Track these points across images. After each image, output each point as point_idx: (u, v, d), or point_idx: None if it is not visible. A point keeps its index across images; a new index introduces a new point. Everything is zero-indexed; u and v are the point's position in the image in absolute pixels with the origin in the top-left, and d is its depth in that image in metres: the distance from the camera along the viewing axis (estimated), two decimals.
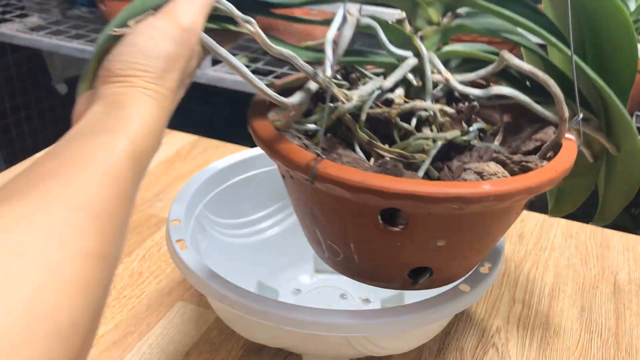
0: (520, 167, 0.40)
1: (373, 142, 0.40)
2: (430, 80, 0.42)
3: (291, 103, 0.39)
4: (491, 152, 0.42)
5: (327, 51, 0.38)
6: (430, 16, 0.43)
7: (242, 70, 0.37)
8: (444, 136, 0.41)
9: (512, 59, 0.39)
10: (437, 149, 0.41)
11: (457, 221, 0.39)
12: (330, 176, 0.36)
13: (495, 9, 0.40)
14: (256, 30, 0.38)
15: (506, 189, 0.37)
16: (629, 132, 0.42)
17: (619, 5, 0.38)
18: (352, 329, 0.43)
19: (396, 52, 0.43)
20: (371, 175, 0.36)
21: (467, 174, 0.39)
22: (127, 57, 0.34)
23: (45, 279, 0.24)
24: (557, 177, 0.40)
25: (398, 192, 0.35)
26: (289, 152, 0.38)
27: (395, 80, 0.42)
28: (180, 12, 0.36)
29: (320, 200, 0.40)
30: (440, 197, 0.35)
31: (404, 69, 0.42)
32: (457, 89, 0.42)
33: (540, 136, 0.44)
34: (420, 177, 0.39)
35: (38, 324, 0.23)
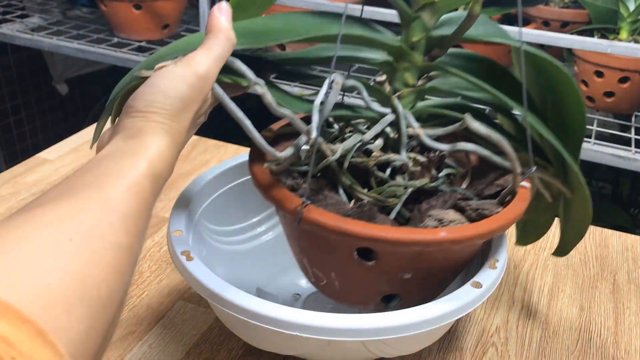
0: (477, 213, 0.47)
1: (354, 186, 0.47)
2: (405, 134, 0.49)
3: (283, 157, 0.45)
4: (455, 197, 0.49)
5: (313, 116, 0.44)
6: (407, 79, 0.50)
7: (245, 124, 0.43)
8: (414, 184, 0.48)
9: (472, 122, 0.45)
10: (407, 195, 0.48)
11: (420, 259, 0.45)
12: (313, 220, 0.43)
13: (462, 75, 0.47)
14: (264, 91, 0.43)
15: (460, 236, 0.44)
16: (578, 183, 0.49)
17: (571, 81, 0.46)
18: (374, 333, 0.44)
19: (376, 109, 0.50)
20: (347, 221, 0.43)
21: (429, 220, 0.46)
22: (148, 96, 0.40)
23: (91, 259, 0.30)
24: (508, 224, 0.46)
25: (368, 236, 0.42)
26: (281, 198, 0.45)
27: (374, 133, 0.49)
28: (197, 62, 0.42)
29: (306, 236, 0.47)
30: (403, 242, 0.43)
31: (383, 124, 0.49)
32: (427, 143, 0.48)
33: (501, 182, 0.51)
34: (391, 219, 0.46)
35: (86, 291, 0.29)
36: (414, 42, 0.49)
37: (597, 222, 0.87)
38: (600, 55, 1.14)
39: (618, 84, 1.17)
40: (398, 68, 0.50)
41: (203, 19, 1.33)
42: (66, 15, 1.73)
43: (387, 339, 0.45)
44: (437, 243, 0.44)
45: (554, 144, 0.46)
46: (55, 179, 0.83)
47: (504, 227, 0.46)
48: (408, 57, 0.50)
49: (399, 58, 0.50)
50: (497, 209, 0.47)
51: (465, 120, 0.46)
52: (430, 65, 0.50)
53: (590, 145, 1.12)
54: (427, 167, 0.50)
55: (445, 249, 0.45)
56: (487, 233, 0.45)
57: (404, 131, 0.49)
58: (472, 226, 0.45)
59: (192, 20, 1.73)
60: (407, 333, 0.44)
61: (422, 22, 0.49)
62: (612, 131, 1.29)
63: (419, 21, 0.49)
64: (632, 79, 1.15)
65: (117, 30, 1.49)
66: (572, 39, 1.07)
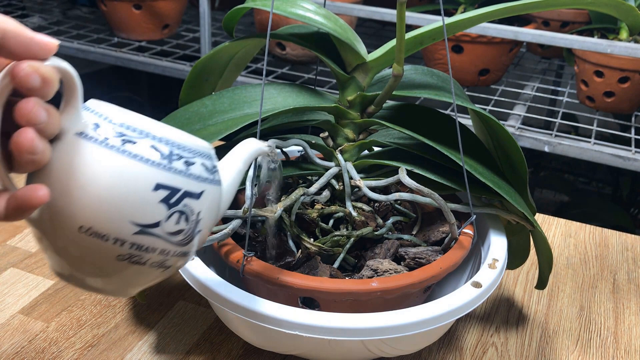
0: (415, 262, 0.50)
1: (301, 236, 0.50)
2: (348, 186, 0.52)
3: (225, 234, 0.49)
4: (396, 245, 0.52)
5: (247, 189, 0.49)
6: (347, 134, 0.54)
7: None
8: (356, 233, 0.51)
9: (405, 178, 0.50)
10: (350, 244, 0.51)
11: (360, 306, 0.47)
12: (253, 272, 0.47)
13: (397, 129, 0.51)
14: None
15: (391, 286, 0.46)
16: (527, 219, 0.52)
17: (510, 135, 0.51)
18: (374, 333, 0.44)
19: (321, 163, 0.55)
20: (285, 273, 0.46)
21: (365, 270, 0.49)
22: None
23: None
24: (441, 273, 0.48)
25: (304, 287, 0.46)
26: (225, 251, 0.49)
27: (319, 186, 0.53)
28: None
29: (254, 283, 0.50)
30: (336, 293, 0.46)
31: (327, 177, 0.53)
32: (367, 194, 0.52)
33: (445, 229, 0.54)
34: (334, 268, 0.49)
35: None
36: (349, 100, 0.53)
37: (597, 222, 0.88)
38: (600, 55, 1.14)
39: (618, 84, 1.17)
40: (338, 125, 0.54)
41: (203, 19, 1.33)
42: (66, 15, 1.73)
43: (387, 339, 0.46)
44: (368, 293, 0.46)
45: (492, 187, 0.50)
46: None
47: (438, 275, 0.48)
48: (346, 115, 0.54)
49: (338, 116, 0.54)
50: (436, 256, 0.50)
51: (399, 175, 0.50)
52: (368, 121, 0.53)
53: (590, 145, 1.12)
54: (372, 216, 0.52)
55: (379, 297, 0.46)
56: (419, 282, 0.47)
57: (347, 183, 0.52)
58: (403, 276, 0.47)
59: (192, 20, 1.73)
60: (407, 333, 0.44)
61: (357, 82, 0.53)
62: (612, 131, 1.29)
63: (354, 81, 0.53)
64: (632, 79, 1.15)
65: (117, 30, 1.49)
66: (572, 38, 1.07)
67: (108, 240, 0.33)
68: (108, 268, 0.34)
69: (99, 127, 0.33)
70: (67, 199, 0.32)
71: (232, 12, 0.55)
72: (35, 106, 0.30)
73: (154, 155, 0.33)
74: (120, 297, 0.38)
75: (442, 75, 0.56)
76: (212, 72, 0.60)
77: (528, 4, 0.50)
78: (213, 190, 0.36)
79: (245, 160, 0.42)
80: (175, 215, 0.34)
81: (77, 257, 0.34)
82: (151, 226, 0.33)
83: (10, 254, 0.68)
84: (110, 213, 0.32)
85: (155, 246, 0.34)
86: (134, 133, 0.34)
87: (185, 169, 0.34)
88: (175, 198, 0.34)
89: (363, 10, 1.17)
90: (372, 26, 1.75)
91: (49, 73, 0.31)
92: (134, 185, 0.33)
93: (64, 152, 0.33)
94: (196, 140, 0.36)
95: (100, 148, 0.33)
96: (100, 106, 0.34)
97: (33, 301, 0.61)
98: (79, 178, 0.32)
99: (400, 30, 0.46)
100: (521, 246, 0.60)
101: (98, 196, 0.32)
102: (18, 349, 0.54)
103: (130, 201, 0.32)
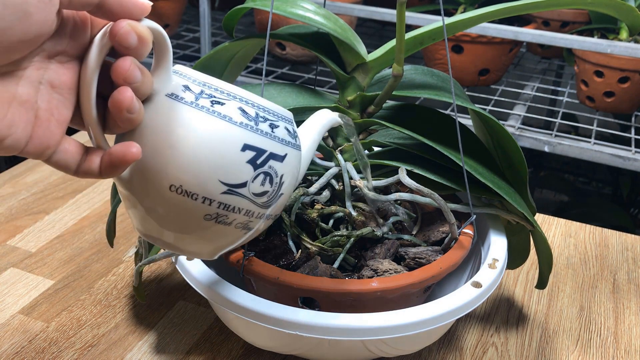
0: (415, 262, 0.50)
1: (301, 236, 0.50)
2: (348, 186, 0.52)
3: None
4: (397, 245, 0.52)
5: None
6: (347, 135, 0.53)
7: None
8: (356, 233, 0.51)
9: (404, 178, 0.49)
10: (350, 244, 0.50)
11: (359, 306, 0.47)
12: (253, 272, 0.47)
13: (397, 129, 0.51)
14: None
15: (391, 286, 0.46)
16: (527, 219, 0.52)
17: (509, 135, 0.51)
18: (374, 332, 0.44)
19: (321, 163, 0.55)
20: (285, 273, 0.46)
21: (365, 270, 0.49)
22: None
23: None
24: (441, 273, 0.48)
25: (305, 288, 0.46)
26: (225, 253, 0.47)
27: (319, 186, 0.53)
28: None
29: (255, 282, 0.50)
30: (336, 293, 0.45)
31: (327, 177, 0.53)
32: (367, 195, 0.52)
33: (445, 229, 0.54)
34: (334, 269, 0.49)
35: None
36: (349, 100, 0.53)
37: (597, 222, 0.88)
38: (600, 55, 1.14)
39: (618, 84, 1.17)
40: None
41: (203, 19, 1.33)
42: None
43: (386, 339, 0.46)
44: (368, 293, 0.46)
45: (492, 187, 0.50)
46: (55, 179, 0.83)
47: (438, 275, 0.48)
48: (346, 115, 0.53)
49: None
50: (436, 256, 0.50)
51: (399, 175, 0.50)
52: (367, 121, 0.53)
53: (590, 145, 1.12)
54: (372, 216, 0.53)
55: (379, 297, 0.47)
56: (419, 282, 0.47)
57: (347, 182, 0.52)
58: (403, 276, 0.47)
59: (192, 20, 1.73)
60: (407, 333, 0.44)
61: (356, 82, 0.53)
62: (612, 131, 1.29)
63: (353, 81, 0.53)
64: (632, 79, 1.15)
65: None
66: (572, 38, 1.07)
67: (197, 199, 0.34)
68: (195, 227, 0.35)
69: (189, 89, 0.34)
70: (159, 159, 0.33)
71: (232, 12, 0.55)
72: (132, 65, 0.31)
73: (241, 116, 0.34)
74: (203, 258, 0.39)
75: (442, 75, 0.56)
76: (212, 72, 0.60)
77: (528, 4, 0.50)
78: (295, 154, 0.37)
79: (320, 130, 0.43)
80: (260, 177, 0.35)
81: (165, 216, 0.35)
82: (238, 186, 0.34)
83: (10, 254, 0.68)
84: (200, 172, 0.33)
85: (241, 206, 0.35)
86: (222, 95, 0.35)
87: (270, 131, 0.35)
88: (262, 159, 0.35)
89: (363, 10, 1.17)
90: (372, 26, 1.75)
91: (144, 32, 0.32)
92: (223, 145, 0.34)
93: (156, 113, 0.33)
94: (278, 106, 0.37)
95: (191, 109, 0.34)
96: (188, 70, 0.35)
97: (33, 301, 0.60)
98: (171, 138, 0.33)
99: (400, 30, 0.46)
100: (521, 246, 0.60)
101: (189, 155, 0.33)
102: (18, 349, 0.54)
103: (219, 161, 0.34)
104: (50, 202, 0.77)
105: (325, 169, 0.54)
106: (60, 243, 0.70)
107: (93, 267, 0.66)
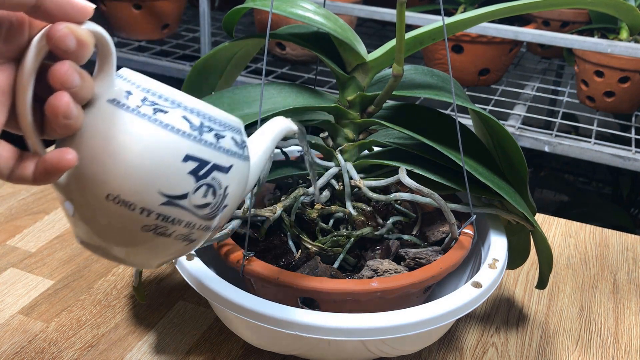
0: (415, 262, 0.50)
1: (301, 237, 0.50)
2: (348, 186, 0.52)
3: (224, 234, 0.49)
4: (397, 245, 0.52)
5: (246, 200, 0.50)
6: (347, 134, 0.54)
7: None
8: (356, 233, 0.51)
9: (405, 178, 0.50)
10: (350, 244, 0.51)
11: (360, 306, 0.47)
12: (253, 272, 0.47)
13: (397, 129, 0.51)
14: None
15: (391, 286, 0.46)
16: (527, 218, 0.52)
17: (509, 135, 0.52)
18: (374, 333, 0.44)
19: (321, 163, 0.55)
20: (285, 273, 0.46)
21: (365, 270, 0.49)
22: None
23: None
24: (441, 273, 0.48)
25: (305, 288, 0.45)
26: (225, 251, 0.49)
27: (319, 186, 0.53)
28: None
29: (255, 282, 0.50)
30: (336, 293, 0.45)
31: (327, 177, 0.53)
32: (367, 194, 0.52)
33: (445, 229, 0.54)
34: (334, 269, 0.49)
35: None
36: (349, 100, 0.53)
37: (597, 222, 0.87)
38: (600, 55, 1.14)
39: (618, 83, 1.17)
40: (338, 125, 0.55)
41: (203, 18, 1.33)
42: None
43: (387, 339, 0.46)
44: (368, 293, 0.46)
45: (492, 187, 0.50)
46: None
47: (438, 275, 0.48)
48: (346, 115, 0.54)
49: (338, 116, 0.54)
50: (436, 256, 0.50)
51: (399, 175, 0.50)
52: (367, 121, 0.53)
53: (590, 145, 1.12)
54: (372, 216, 0.53)
55: (380, 297, 0.46)
56: (419, 282, 0.47)
57: (347, 182, 0.52)
58: (403, 276, 0.47)
59: (192, 20, 1.72)
60: (407, 333, 0.44)
61: (356, 82, 0.53)
62: (612, 131, 1.29)
63: (353, 81, 0.53)
64: (632, 79, 1.15)
65: (117, 30, 1.49)
66: (572, 38, 1.07)
67: (135, 209, 0.33)
68: (133, 238, 0.34)
69: (132, 94, 0.33)
70: (96, 166, 0.32)
71: (232, 12, 0.55)
72: (70, 69, 0.30)
73: (185, 125, 0.33)
74: (144, 268, 0.39)
75: (442, 75, 0.56)
76: (212, 72, 0.60)
77: (528, 4, 0.50)
78: (241, 165, 0.36)
79: (274, 138, 0.41)
80: (203, 188, 0.34)
81: (103, 226, 0.34)
82: (178, 197, 0.33)
83: (10, 254, 0.67)
84: (138, 182, 0.32)
85: (181, 218, 0.34)
86: (166, 102, 0.33)
87: (215, 142, 0.34)
88: (204, 170, 0.34)
89: (363, 10, 1.17)
90: (372, 26, 1.75)
91: (84, 36, 0.30)
92: (164, 154, 0.32)
93: (96, 119, 0.32)
94: (226, 115, 0.36)
95: (132, 116, 0.32)
96: (133, 75, 0.34)
97: (33, 301, 0.60)
98: (109, 145, 0.32)
99: (400, 30, 0.46)
100: (521, 246, 0.60)
101: (127, 164, 0.32)
102: (18, 349, 0.54)
103: (159, 171, 0.32)
104: (50, 202, 0.77)
105: (325, 169, 0.54)
106: (60, 243, 0.70)
107: (93, 267, 0.66)
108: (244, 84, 0.57)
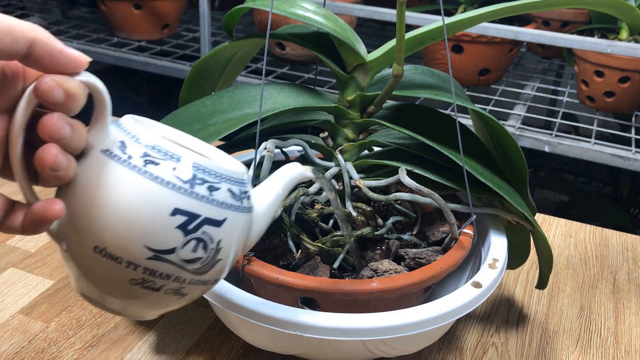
0: (415, 262, 0.50)
1: (301, 236, 0.50)
2: (348, 186, 0.52)
3: None
4: (397, 245, 0.52)
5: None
6: (347, 134, 0.54)
7: None
8: (356, 233, 0.51)
9: (405, 178, 0.50)
10: (350, 244, 0.50)
11: (360, 306, 0.47)
12: (253, 272, 0.47)
13: (397, 129, 0.51)
14: None
15: (391, 286, 0.46)
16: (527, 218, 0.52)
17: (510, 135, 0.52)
18: (374, 333, 0.44)
19: (321, 163, 0.55)
20: (285, 273, 0.46)
21: (365, 270, 0.49)
22: None
23: None
24: (441, 273, 0.48)
25: (305, 288, 0.45)
26: None
27: (319, 186, 0.52)
28: None
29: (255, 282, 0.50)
30: (336, 293, 0.45)
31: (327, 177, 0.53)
32: (367, 194, 0.52)
33: (445, 229, 0.54)
34: (334, 269, 0.49)
35: None
36: (349, 100, 0.53)
37: (597, 222, 0.87)
38: (600, 55, 1.14)
39: (618, 83, 1.17)
40: (338, 125, 0.54)
41: (203, 18, 1.33)
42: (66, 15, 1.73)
43: (387, 339, 0.46)
44: (368, 293, 0.46)
45: (492, 187, 0.50)
46: None
47: (438, 275, 0.48)
48: (346, 115, 0.54)
49: (338, 116, 0.54)
50: (436, 256, 0.50)
51: (399, 175, 0.50)
52: (367, 121, 0.53)
53: (590, 145, 1.12)
54: (372, 216, 0.53)
55: (380, 297, 0.46)
56: (419, 282, 0.47)
57: (347, 182, 0.52)
58: (403, 276, 0.47)
59: (192, 20, 1.73)
60: (407, 333, 0.44)
61: (356, 82, 0.53)
62: (612, 131, 1.29)
63: (353, 81, 0.53)
64: (632, 79, 1.15)
65: (117, 30, 1.49)
66: (572, 38, 1.07)
67: (121, 263, 0.32)
68: (122, 291, 0.33)
69: (125, 145, 0.32)
70: (85, 217, 0.32)
71: (232, 12, 0.55)
72: (59, 121, 0.30)
73: (174, 178, 0.32)
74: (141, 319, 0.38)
75: (442, 75, 0.56)
76: (212, 72, 0.60)
77: (528, 4, 0.50)
78: (238, 217, 0.35)
79: (285, 186, 0.40)
80: (192, 243, 0.33)
81: (93, 277, 0.33)
82: (166, 252, 0.32)
83: (10, 254, 0.68)
84: (124, 235, 0.31)
85: (169, 272, 0.33)
86: (159, 154, 0.32)
87: (207, 195, 0.33)
88: (194, 224, 0.32)
89: (363, 10, 1.17)
90: (372, 26, 1.75)
91: (73, 88, 0.30)
92: (151, 208, 0.31)
93: (88, 169, 0.32)
94: (229, 164, 0.35)
95: (122, 167, 0.32)
96: (134, 124, 0.33)
97: (33, 301, 0.60)
98: (97, 196, 0.31)
99: (400, 30, 0.46)
100: (521, 246, 0.60)
101: (113, 217, 0.31)
102: (18, 349, 0.54)
103: (144, 224, 0.31)
104: None
105: (325, 169, 0.54)
106: None
107: None
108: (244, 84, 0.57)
